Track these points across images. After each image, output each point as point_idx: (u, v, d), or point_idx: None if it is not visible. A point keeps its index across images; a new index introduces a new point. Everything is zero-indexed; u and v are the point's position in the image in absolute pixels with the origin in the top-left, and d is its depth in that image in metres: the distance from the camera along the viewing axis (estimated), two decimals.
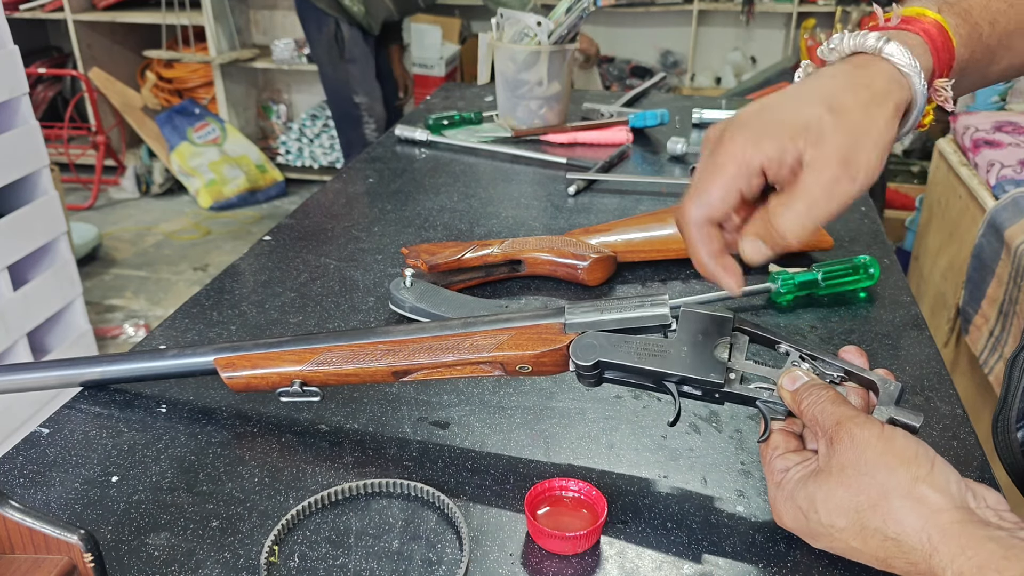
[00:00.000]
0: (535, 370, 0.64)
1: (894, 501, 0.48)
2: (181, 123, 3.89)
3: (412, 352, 0.65)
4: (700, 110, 1.52)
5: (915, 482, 0.48)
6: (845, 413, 0.52)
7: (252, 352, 0.68)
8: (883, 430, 0.50)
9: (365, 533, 0.59)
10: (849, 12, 4.02)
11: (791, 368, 0.58)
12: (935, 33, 0.57)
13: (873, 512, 0.48)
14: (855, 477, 0.50)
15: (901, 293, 0.93)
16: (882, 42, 0.55)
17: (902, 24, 0.57)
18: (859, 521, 0.49)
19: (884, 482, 0.48)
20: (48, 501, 0.63)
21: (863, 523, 0.49)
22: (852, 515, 0.49)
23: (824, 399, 0.54)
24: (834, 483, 0.50)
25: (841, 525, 0.50)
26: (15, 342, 2.04)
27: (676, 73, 4.59)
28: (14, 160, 2.02)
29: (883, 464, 0.49)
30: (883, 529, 0.48)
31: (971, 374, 1.73)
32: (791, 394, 0.56)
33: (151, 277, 3.22)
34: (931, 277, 2.10)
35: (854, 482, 0.49)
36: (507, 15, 1.40)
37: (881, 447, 0.49)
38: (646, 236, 0.95)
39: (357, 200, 1.20)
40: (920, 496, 0.47)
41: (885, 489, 0.48)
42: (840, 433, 0.51)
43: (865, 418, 0.52)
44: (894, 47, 0.55)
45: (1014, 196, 1.60)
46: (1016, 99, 2.14)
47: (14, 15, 3.81)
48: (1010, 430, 0.78)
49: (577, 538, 0.57)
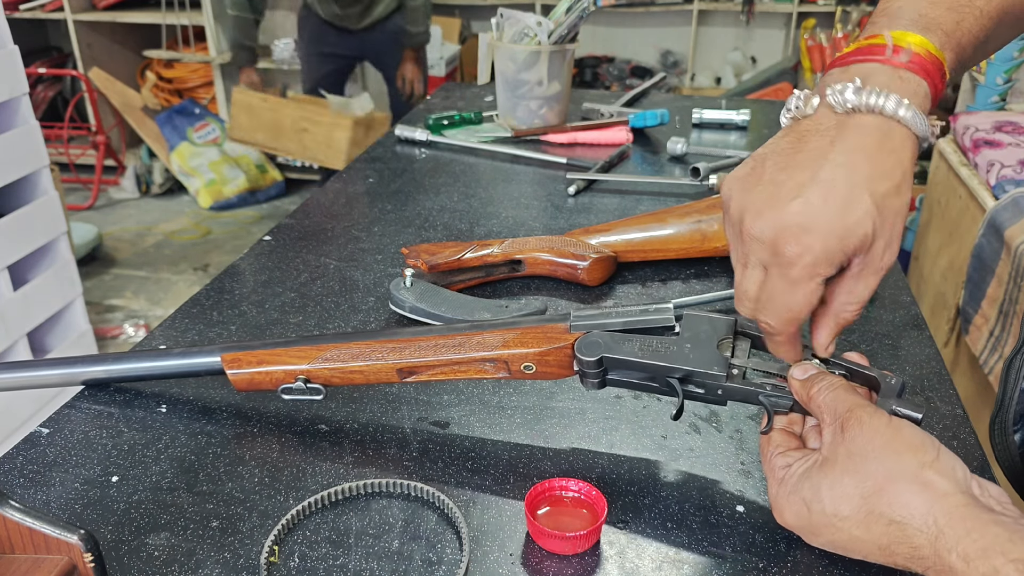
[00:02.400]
0: (539, 371, 0.64)
1: (901, 485, 0.49)
2: (181, 123, 3.89)
3: (418, 350, 0.65)
4: (700, 110, 1.52)
5: (922, 467, 0.49)
6: (857, 401, 0.53)
7: (258, 349, 0.69)
8: (891, 420, 0.52)
9: (365, 533, 0.59)
10: (849, 12, 4.02)
11: (802, 360, 0.58)
12: (938, 77, 0.56)
13: (879, 497, 0.49)
14: (862, 464, 0.50)
15: (901, 293, 0.93)
16: (903, 108, 0.53)
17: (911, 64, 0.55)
18: (864, 507, 0.50)
19: (891, 467, 0.49)
20: (48, 501, 0.63)
21: (869, 508, 0.49)
22: (857, 501, 0.50)
23: (837, 386, 0.55)
24: (839, 471, 0.51)
25: (845, 513, 0.51)
26: (15, 342, 2.04)
27: (676, 73, 4.59)
28: (14, 160, 2.02)
29: (891, 450, 0.50)
30: (888, 513, 0.49)
31: (971, 374, 1.73)
32: (802, 382, 0.57)
33: (151, 277, 3.22)
34: (931, 277, 2.10)
35: (861, 468, 0.50)
36: (507, 15, 1.40)
37: (890, 434, 0.50)
38: (646, 236, 0.95)
39: (357, 200, 1.20)
40: (927, 481, 0.48)
41: (892, 474, 0.49)
42: (851, 419, 0.52)
43: (875, 407, 0.53)
44: (911, 114, 0.53)
45: (1014, 196, 1.60)
46: (1016, 99, 2.14)
47: (14, 15, 3.81)
48: (1007, 432, 0.78)
49: (577, 538, 0.57)
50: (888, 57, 0.56)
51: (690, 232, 0.95)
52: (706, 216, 0.95)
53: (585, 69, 4.52)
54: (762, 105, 1.71)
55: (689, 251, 0.96)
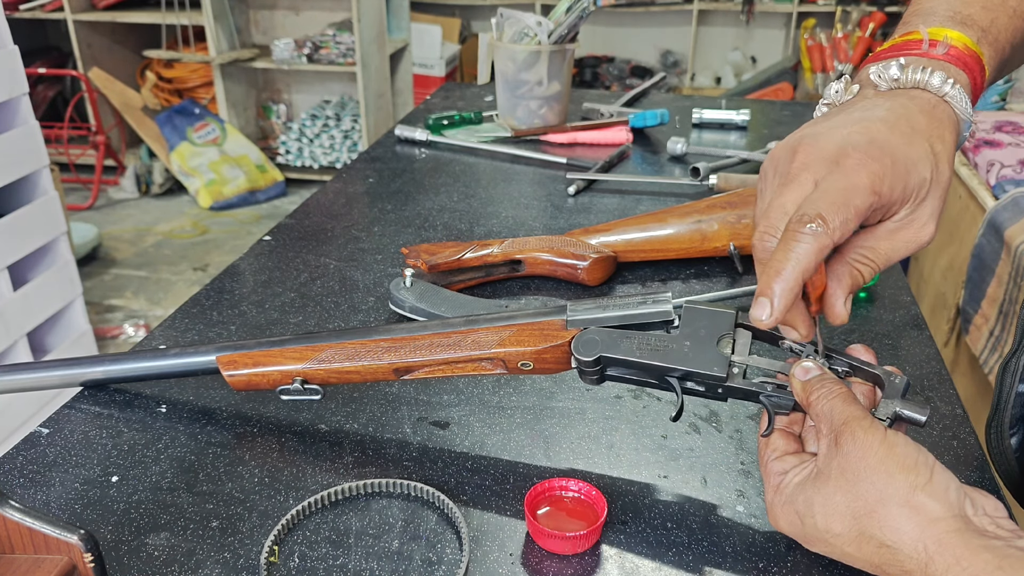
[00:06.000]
0: (537, 367, 0.64)
1: (892, 508, 0.48)
2: (181, 123, 3.89)
3: (414, 349, 0.65)
4: (700, 110, 1.52)
5: (913, 490, 0.47)
6: (853, 413, 0.51)
7: (254, 350, 0.68)
8: (886, 435, 0.50)
9: (365, 533, 0.59)
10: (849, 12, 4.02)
11: (803, 359, 0.57)
12: (976, 70, 0.55)
13: (870, 518, 0.48)
14: (854, 482, 0.49)
15: (901, 293, 0.93)
16: (948, 86, 0.53)
17: (948, 56, 0.55)
18: (856, 527, 0.49)
19: (883, 488, 0.48)
20: (48, 501, 0.63)
21: (860, 529, 0.49)
22: (849, 521, 0.49)
23: (835, 395, 0.53)
24: (832, 488, 0.50)
25: (837, 531, 0.50)
26: (15, 342, 2.04)
27: (676, 73, 4.59)
28: (14, 160, 2.02)
29: (883, 470, 0.48)
30: (879, 536, 0.48)
31: (971, 374, 1.73)
32: (802, 385, 0.55)
33: (151, 277, 3.22)
34: (931, 277, 2.10)
35: (852, 487, 0.49)
36: (507, 15, 1.40)
37: (883, 452, 0.49)
38: (646, 236, 0.95)
39: (357, 200, 1.20)
40: (918, 504, 0.47)
41: (883, 496, 0.48)
42: (846, 433, 0.50)
43: (871, 421, 0.51)
44: (957, 93, 0.53)
45: (1014, 196, 1.60)
46: (1016, 99, 2.14)
47: (14, 15, 3.81)
48: (1004, 436, 0.78)
49: (577, 538, 0.57)
50: (925, 51, 0.55)
51: (690, 232, 0.95)
52: (706, 216, 0.95)
53: (585, 69, 4.52)
54: (762, 105, 1.71)
55: (689, 251, 0.96)
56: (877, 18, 3.87)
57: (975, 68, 0.55)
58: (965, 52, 0.55)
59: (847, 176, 0.50)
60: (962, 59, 0.55)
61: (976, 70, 0.55)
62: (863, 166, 0.49)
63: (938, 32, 0.56)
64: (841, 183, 0.50)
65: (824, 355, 0.58)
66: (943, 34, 0.56)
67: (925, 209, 0.52)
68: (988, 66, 0.57)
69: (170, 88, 4.14)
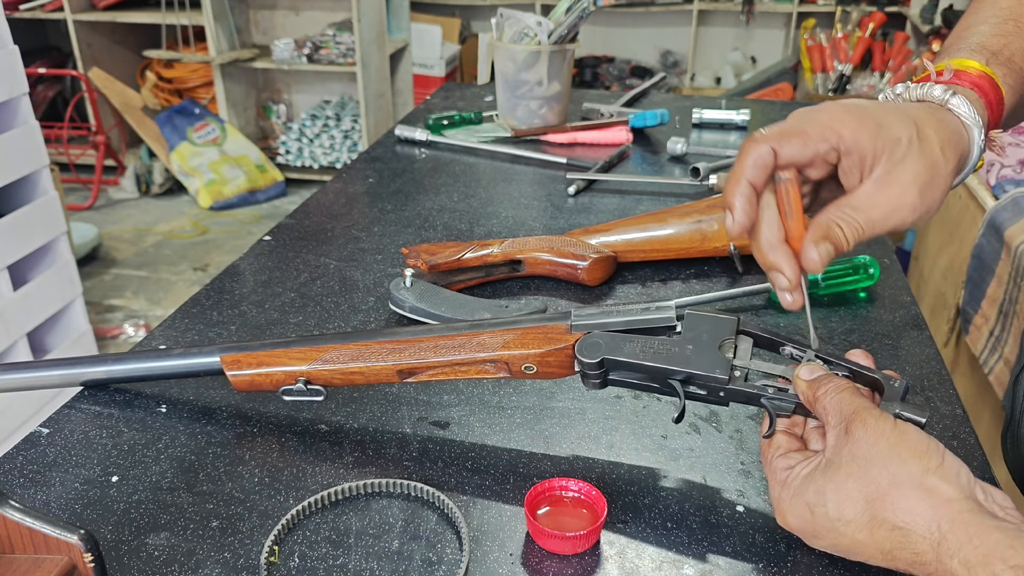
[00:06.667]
0: (540, 371, 0.64)
1: (905, 490, 0.48)
2: (181, 123, 3.89)
3: (418, 351, 0.65)
4: (700, 110, 1.52)
5: (926, 473, 0.49)
6: (863, 403, 0.53)
7: (258, 351, 0.68)
8: (896, 423, 0.51)
9: (365, 533, 0.59)
10: (849, 12, 4.02)
11: (808, 362, 0.58)
12: (987, 86, 0.59)
13: (883, 502, 0.49)
14: (866, 467, 0.50)
15: (901, 293, 0.93)
16: (948, 94, 0.57)
17: (954, 79, 0.58)
18: (868, 512, 0.50)
19: (896, 472, 0.49)
20: (48, 501, 0.63)
21: (872, 514, 0.49)
22: (862, 505, 0.50)
23: (843, 389, 0.55)
24: (844, 474, 0.51)
25: (849, 517, 0.50)
26: (15, 342, 2.04)
27: (676, 73, 4.59)
28: (14, 160, 2.02)
29: (895, 455, 0.50)
30: (892, 519, 0.49)
31: (971, 374, 1.73)
32: (808, 383, 0.56)
33: (151, 277, 3.22)
34: (931, 277, 2.10)
35: (865, 472, 0.50)
36: (507, 15, 1.40)
37: (895, 438, 0.50)
38: (646, 236, 0.95)
39: (357, 200, 1.20)
40: (931, 486, 0.48)
41: (896, 479, 0.49)
42: (856, 421, 0.52)
43: (880, 411, 0.53)
44: (959, 100, 0.56)
45: (1014, 196, 1.60)
46: None
47: (14, 15, 3.81)
48: (1020, 446, 0.79)
49: (577, 538, 0.57)
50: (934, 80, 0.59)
51: (690, 232, 0.95)
52: (706, 216, 0.95)
53: (585, 69, 4.52)
54: (762, 105, 1.71)
55: (689, 251, 0.96)
56: (877, 18, 3.87)
57: (984, 85, 0.59)
58: (973, 73, 0.59)
59: (807, 113, 0.55)
60: (968, 78, 0.59)
61: (986, 87, 0.59)
62: (827, 110, 0.55)
63: (943, 64, 0.60)
64: (801, 116, 0.55)
65: (824, 361, 0.59)
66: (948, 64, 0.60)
67: (904, 172, 0.54)
68: (1004, 83, 0.60)
69: (170, 88, 4.14)
